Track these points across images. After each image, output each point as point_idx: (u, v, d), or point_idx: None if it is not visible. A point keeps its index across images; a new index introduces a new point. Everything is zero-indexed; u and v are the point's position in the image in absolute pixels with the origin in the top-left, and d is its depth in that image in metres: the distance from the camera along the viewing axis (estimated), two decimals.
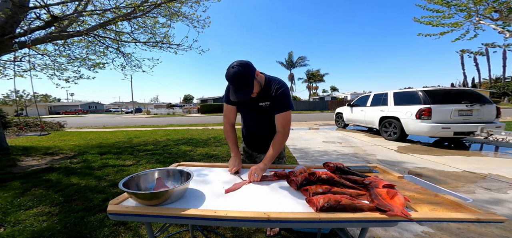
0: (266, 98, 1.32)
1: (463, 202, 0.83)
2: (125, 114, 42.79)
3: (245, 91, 1.17)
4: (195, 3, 4.78)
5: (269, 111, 1.34)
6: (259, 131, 1.46)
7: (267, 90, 1.31)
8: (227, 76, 1.17)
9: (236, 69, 1.13)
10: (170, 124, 13.44)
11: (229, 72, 1.15)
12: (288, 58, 42.44)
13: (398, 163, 3.64)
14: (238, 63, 1.16)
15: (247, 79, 1.15)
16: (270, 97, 1.31)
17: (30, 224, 1.83)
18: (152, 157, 4.17)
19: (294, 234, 1.70)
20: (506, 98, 37.31)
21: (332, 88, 69.43)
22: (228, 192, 0.99)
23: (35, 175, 3.18)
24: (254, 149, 1.54)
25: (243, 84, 1.16)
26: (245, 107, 1.43)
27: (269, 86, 1.31)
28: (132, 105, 41.82)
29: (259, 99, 1.33)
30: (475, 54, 5.95)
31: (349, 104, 8.20)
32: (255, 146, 1.53)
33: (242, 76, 1.14)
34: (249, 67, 1.17)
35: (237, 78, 1.14)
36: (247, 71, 1.15)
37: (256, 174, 1.12)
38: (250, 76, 1.16)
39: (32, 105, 24.88)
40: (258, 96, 1.32)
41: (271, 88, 1.30)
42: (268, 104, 1.32)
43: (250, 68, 1.17)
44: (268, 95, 1.31)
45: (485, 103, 4.83)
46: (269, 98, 1.31)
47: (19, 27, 4.27)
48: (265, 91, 1.32)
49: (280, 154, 1.54)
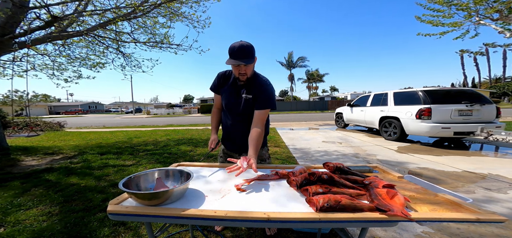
0: (250, 91, 1.34)
1: (463, 202, 0.83)
2: (125, 114, 42.80)
3: (243, 53, 1.22)
4: (195, 3, 4.78)
5: (250, 105, 1.35)
6: (236, 123, 1.45)
7: (253, 83, 1.34)
8: (233, 44, 1.24)
9: (243, 42, 1.24)
10: (170, 124, 13.44)
11: (235, 43, 1.25)
12: (288, 58, 42.45)
13: (398, 163, 3.64)
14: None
15: (250, 50, 1.24)
16: (254, 91, 1.34)
17: (30, 224, 1.83)
18: (152, 157, 4.17)
19: (294, 234, 1.70)
20: (506, 98, 37.31)
21: (332, 88, 69.45)
22: (239, 188, 0.99)
23: (35, 175, 3.18)
24: (233, 149, 1.53)
25: (245, 49, 1.22)
26: (228, 95, 1.43)
27: (255, 80, 1.35)
28: (132, 105, 41.81)
29: (245, 89, 1.36)
30: (475, 54, 5.96)
31: (349, 104, 8.19)
32: (233, 143, 1.52)
33: (248, 45, 1.24)
34: (253, 47, 1.28)
35: (243, 45, 1.22)
36: (252, 47, 1.26)
37: (245, 163, 1.10)
38: (252, 51, 1.26)
39: (31, 106, 24.88)
40: (244, 85, 1.35)
41: (257, 83, 1.34)
42: (250, 97, 1.35)
43: (253, 48, 1.28)
44: (252, 89, 1.34)
45: (485, 103, 4.83)
46: (253, 92, 1.34)
47: (19, 27, 4.26)
48: (251, 84, 1.35)
49: (263, 155, 1.53)
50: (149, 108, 45.14)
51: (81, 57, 5.27)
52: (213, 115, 1.58)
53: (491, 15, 4.73)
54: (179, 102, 69.56)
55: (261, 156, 1.52)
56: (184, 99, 78.14)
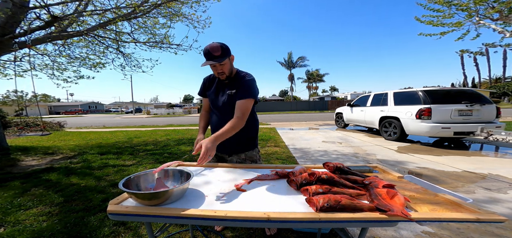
0: (233, 86, 1.41)
1: (463, 202, 0.83)
2: (125, 114, 42.79)
3: (217, 58, 1.28)
4: (195, 3, 4.78)
5: (233, 100, 1.40)
6: (224, 120, 1.42)
7: (236, 79, 1.43)
8: (207, 45, 1.31)
9: (216, 42, 1.31)
10: (170, 124, 13.44)
11: (209, 44, 1.31)
12: (288, 58, 42.46)
13: (398, 163, 3.64)
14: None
15: (224, 50, 1.30)
16: (236, 85, 1.41)
17: (30, 224, 1.83)
18: (152, 157, 4.17)
19: (294, 234, 1.70)
20: (506, 98, 37.30)
21: (332, 88, 69.46)
22: (239, 188, 1.00)
23: (35, 175, 3.18)
24: (222, 150, 1.51)
25: (218, 52, 1.28)
26: (214, 95, 1.49)
27: (237, 75, 1.44)
28: (132, 105, 41.81)
29: (228, 86, 1.43)
30: (475, 54, 5.96)
31: (349, 104, 8.19)
32: (222, 144, 1.47)
33: (221, 46, 1.30)
34: (227, 46, 1.34)
35: (215, 47, 1.28)
36: (225, 46, 1.32)
37: (205, 148, 1.15)
38: (225, 48, 1.31)
39: (31, 105, 24.90)
40: (228, 84, 1.44)
41: (238, 77, 1.42)
42: (233, 92, 1.41)
43: (227, 47, 1.34)
44: (235, 84, 1.42)
45: (485, 103, 4.83)
46: (235, 86, 1.41)
47: (19, 27, 4.26)
48: (234, 80, 1.43)
49: (253, 157, 1.53)
50: (149, 108, 45.13)
51: (81, 57, 5.27)
52: (201, 118, 1.65)
53: (491, 15, 4.72)
54: (179, 102, 69.48)
55: (252, 157, 1.53)
56: (184, 99, 78.14)
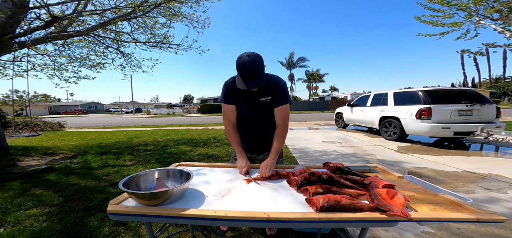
0: (266, 93, 1.35)
1: (463, 202, 0.83)
2: (125, 114, 42.78)
3: (255, 81, 1.19)
4: (195, 3, 4.78)
5: (269, 107, 1.37)
6: (258, 127, 1.46)
7: (268, 85, 1.35)
8: (242, 65, 1.16)
9: (252, 58, 1.15)
10: (170, 124, 13.44)
11: (244, 60, 1.15)
12: (289, 59, 42.42)
13: (398, 163, 3.64)
14: (252, 53, 1.18)
15: (261, 69, 1.19)
16: (270, 92, 1.34)
17: (30, 224, 1.83)
18: (152, 157, 4.17)
19: (294, 234, 1.70)
20: (506, 98, 37.30)
21: (332, 88, 69.38)
22: (249, 181, 1.09)
23: (35, 175, 3.18)
24: (252, 151, 1.53)
25: (256, 73, 1.17)
26: (245, 103, 1.38)
27: (269, 82, 1.35)
28: (132, 105, 41.81)
29: (260, 94, 1.35)
30: (475, 54, 5.94)
31: (349, 104, 8.19)
32: (253, 146, 1.52)
33: (258, 65, 1.16)
34: (262, 58, 1.21)
35: (253, 67, 1.15)
36: (261, 61, 1.20)
37: (267, 169, 1.14)
38: (263, 67, 1.21)
39: (31, 106, 24.89)
40: (259, 92, 1.34)
41: (271, 84, 1.35)
42: (268, 99, 1.35)
43: (262, 60, 1.21)
44: (268, 90, 1.35)
45: (485, 103, 4.83)
46: (269, 93, 1.34)
47: (19, 27, 4.26)
48: (266, 87, 1.35)
49: (280, 153, 1.54)
50: (149, 108, 45.10)
51: (81, 57, 5.27)
52: (232, 133, 1.39)
53: (491, 15, 4.72)
54: (179, 102, 69.50)
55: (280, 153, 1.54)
56: (184, 99, 78.11)
